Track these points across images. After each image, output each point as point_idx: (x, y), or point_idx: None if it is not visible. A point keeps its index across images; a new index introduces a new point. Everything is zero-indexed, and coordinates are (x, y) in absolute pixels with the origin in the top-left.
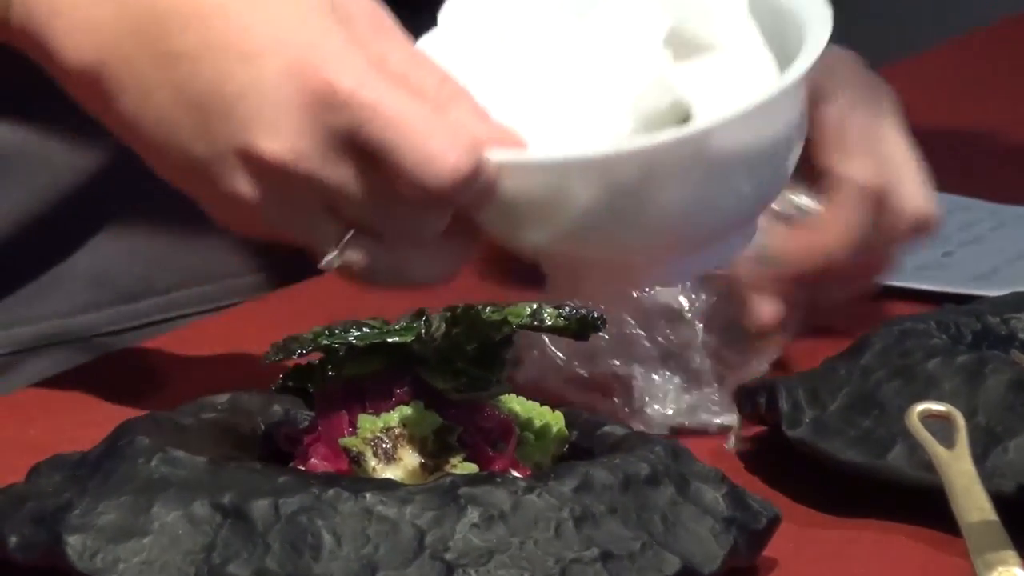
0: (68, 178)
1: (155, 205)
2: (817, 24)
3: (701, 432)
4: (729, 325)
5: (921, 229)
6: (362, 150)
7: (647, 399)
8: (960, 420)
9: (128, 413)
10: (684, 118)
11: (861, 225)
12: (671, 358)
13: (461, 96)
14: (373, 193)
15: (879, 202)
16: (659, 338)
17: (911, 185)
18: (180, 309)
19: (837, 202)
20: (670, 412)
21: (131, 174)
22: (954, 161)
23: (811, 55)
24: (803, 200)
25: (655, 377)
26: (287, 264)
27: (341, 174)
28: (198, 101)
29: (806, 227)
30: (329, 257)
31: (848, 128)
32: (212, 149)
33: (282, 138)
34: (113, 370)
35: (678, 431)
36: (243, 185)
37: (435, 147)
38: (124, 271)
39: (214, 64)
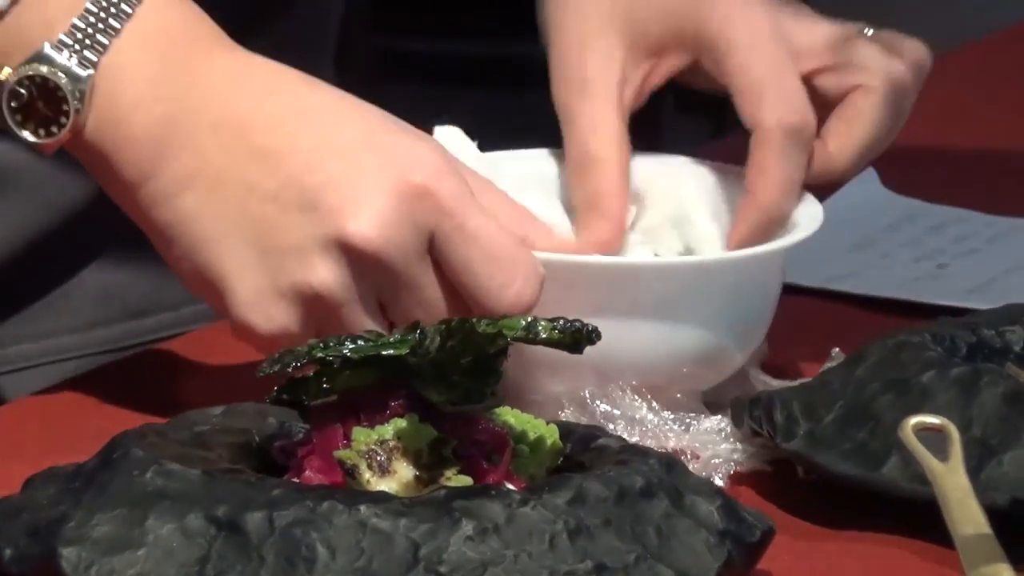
0: (76, 194)
1: None
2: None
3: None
4: None
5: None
6: (438, 256)
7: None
8: (954, 433)
9: (123, 425)
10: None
11: (792, 167)
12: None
13: (531, 221)
14: (433, 296)
15: (802, 133)
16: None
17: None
18: (188, 325)
19: (760, 152)
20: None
21: None
22: (950, 173)
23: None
24: None
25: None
26: None
27: (419, 271)
28: (275, 194)
29: (746, 196)
30: None
31: (753, 71)
32: (288, 240)
33: (376, 223)
34: (108, 382)
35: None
36: (323, 273)
37: (508, 276)
38: (132, 287)
39: (304, 159)
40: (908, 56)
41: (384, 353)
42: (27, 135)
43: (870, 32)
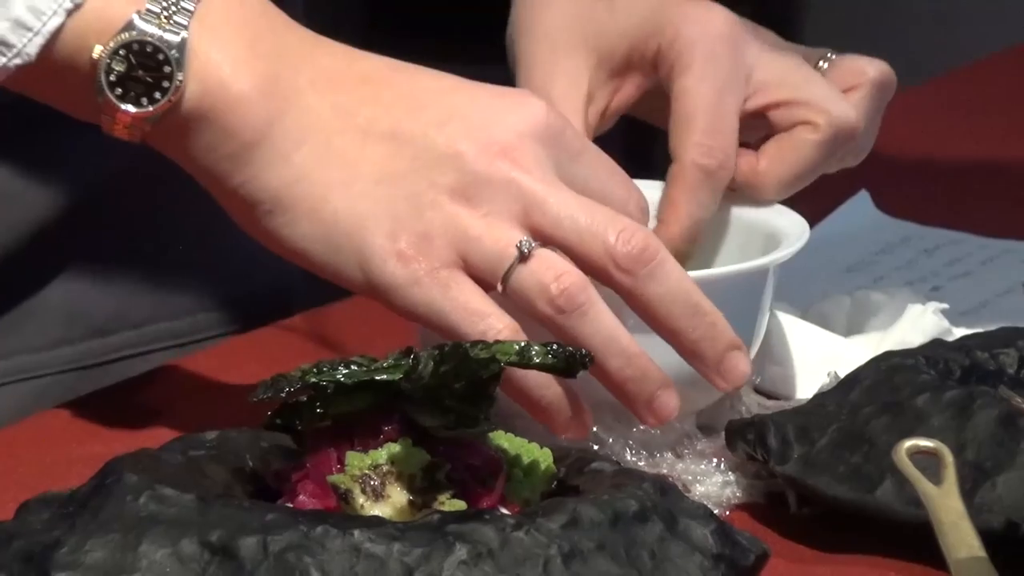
0: (41, 212)
1: (127, 240)
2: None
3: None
4: None
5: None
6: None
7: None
8: (948, 456)
9: (117, 450)
10: None
11: (697, 207)
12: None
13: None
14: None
15: (715, 176)
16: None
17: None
18: (152, 344)
19: (672, 187)
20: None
21: (103, 208)
22: (943, 196)
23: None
24: None
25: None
26: (257, 302)
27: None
28: (392, 133)
29: (657, 225)
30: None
31: (691, 102)
32: (418, 179)
33: (512, 139)
34: (101, 407)
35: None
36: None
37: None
38: (97, 306)
39: (412, 98)
40: (870, 75)
41: (377, 378)
42: (129, 107)
43: (833, 57)
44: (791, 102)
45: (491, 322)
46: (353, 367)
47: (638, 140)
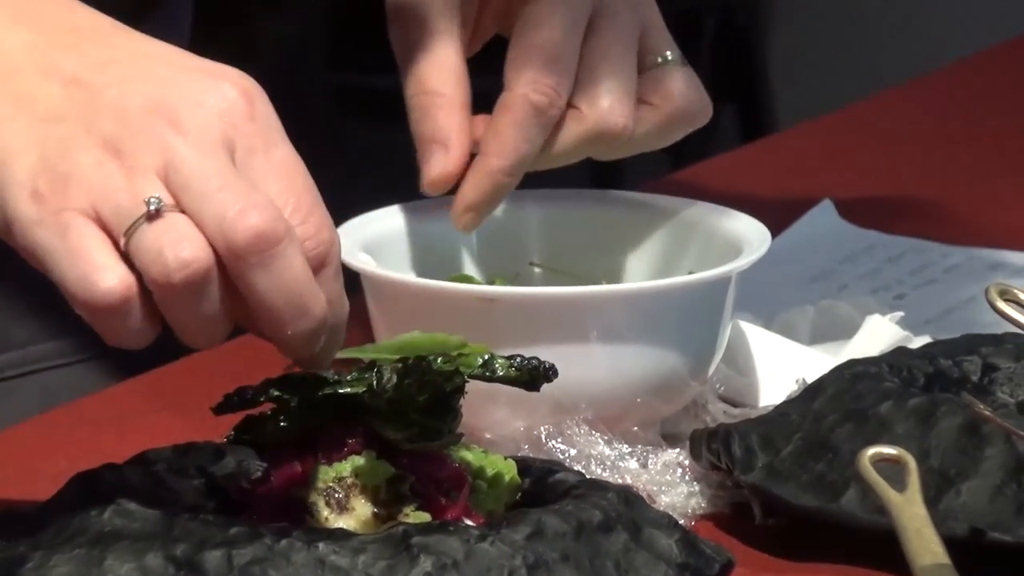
0: None
1: (8, 262)
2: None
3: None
4: None
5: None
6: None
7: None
8: (912, 463)
9: (81, 465)
10: None
11: (525, 140)
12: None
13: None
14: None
15: (545, 113)
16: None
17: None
18: (35, 363)
19: (501, 116)
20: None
21: None
22: (907, 203)
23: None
24: None
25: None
26: None
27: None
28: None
29: (478, 158)
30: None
31: (534, 37)
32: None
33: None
34: (65, 423)
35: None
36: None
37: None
38: None
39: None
40: (676, 103)
41: (341, 391)
42: None
43: (670, 57)
44: (582, 77)
45: (100, 273)
46: (317, 380)
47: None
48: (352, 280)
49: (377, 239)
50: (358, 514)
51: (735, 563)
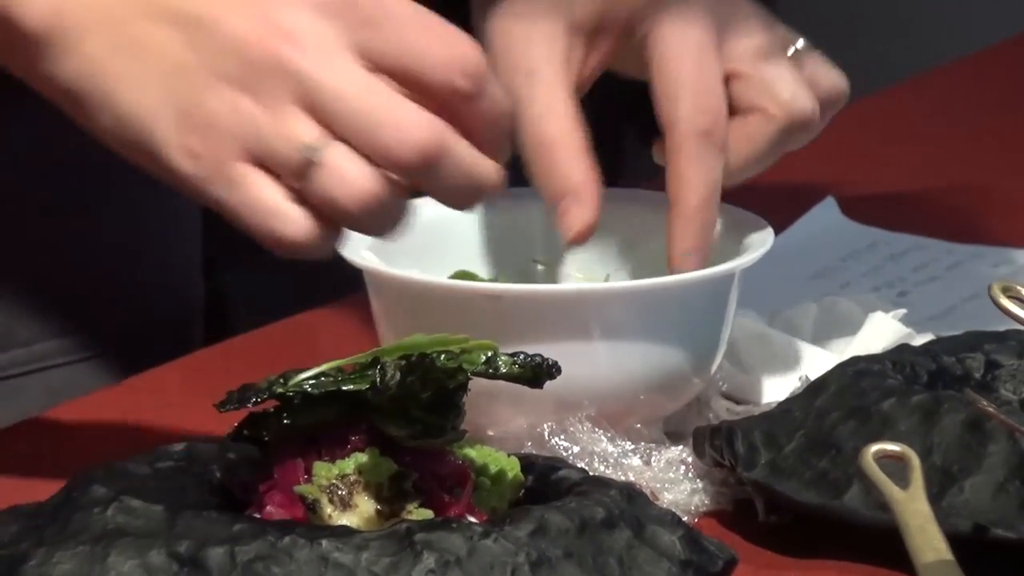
0: None
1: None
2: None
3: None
4: None
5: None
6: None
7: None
8: (915, 460)
9: (84, 463)
10: None
11: (708, 169)
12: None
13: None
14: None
15: (713, 135)
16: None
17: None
18: (41, 361)
19: (676, 159)
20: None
21: None
22: (909, 202)
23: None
24: None
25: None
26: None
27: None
28: (172, 17)
29: (670, 208)
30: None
31: (672, 70)
32: (203, 60)
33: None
34: (69, 421)
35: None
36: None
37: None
38: None
39: None
40: (823, 87)
41: (344, 388)
42: None
43: (800, 46)
44: (753, 78)
45: (285, 221)
46: (320, 377)
47: (605, 146)
48: (356, 278)
49: None
50: (361, 511)
51: (738, 560)
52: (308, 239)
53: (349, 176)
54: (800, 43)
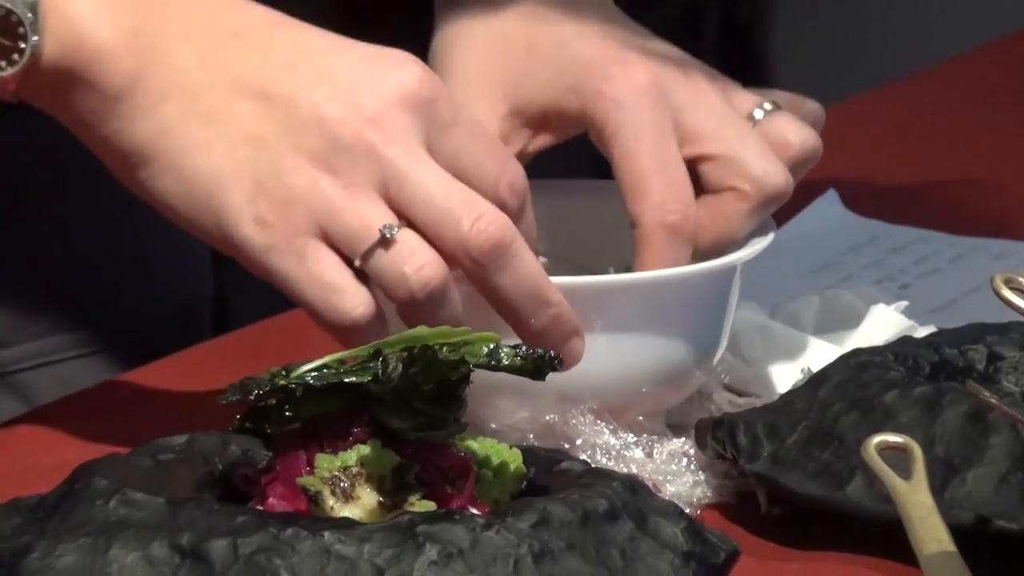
0: None
1: (26, 255)
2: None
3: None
4: None
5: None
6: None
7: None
8: (917, 452)
9: (86, 455)
10: None
11: (675, 262)
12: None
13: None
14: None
15: (682, 229)
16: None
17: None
18: (52, 355)
19: (643, 252)
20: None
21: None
22: (911, 194)
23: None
24: None
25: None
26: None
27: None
28: (261, 91)
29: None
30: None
31: (634, 168)
32: (284, 137)
33: (379, 103)
34: (70, 414)
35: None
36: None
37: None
38: None
39: (286, 57)
40: (794, 148)
41: (346, 380)
42: None
43: (768, 108)
44: (721, 158)
45: (345, 298)
46: (322, 369)
47: None
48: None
49: None
50: (363, 503)
51: (741, 552)
52: (364, 317)
53: (419, 257)
54: (767, 105)
